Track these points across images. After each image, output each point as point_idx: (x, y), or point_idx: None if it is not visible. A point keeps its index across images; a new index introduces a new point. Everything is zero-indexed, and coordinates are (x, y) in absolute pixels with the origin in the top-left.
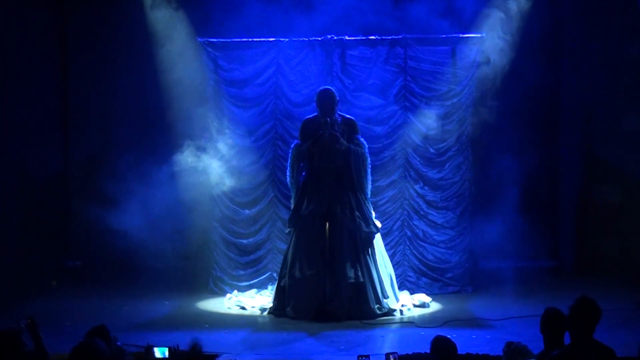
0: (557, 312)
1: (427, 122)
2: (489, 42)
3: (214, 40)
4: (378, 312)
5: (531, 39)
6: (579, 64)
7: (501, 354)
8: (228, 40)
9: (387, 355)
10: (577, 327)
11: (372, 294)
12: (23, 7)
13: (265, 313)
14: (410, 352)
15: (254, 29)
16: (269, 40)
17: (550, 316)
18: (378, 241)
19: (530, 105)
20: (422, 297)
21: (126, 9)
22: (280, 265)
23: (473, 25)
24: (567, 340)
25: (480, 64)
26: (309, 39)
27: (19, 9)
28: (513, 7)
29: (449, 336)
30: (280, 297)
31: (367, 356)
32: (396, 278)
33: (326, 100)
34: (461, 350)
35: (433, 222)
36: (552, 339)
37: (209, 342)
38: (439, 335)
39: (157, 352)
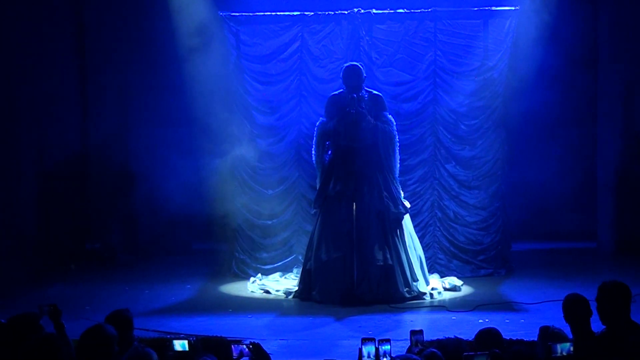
0: (578, 298)
1: (457, 98)
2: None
3: (236, 14)
4: (407, 295)
5: (568, 13)
6: (619, 37)
7: (536, 339)
8: (251, 14)
9: (412, 333)
10: (608, 311)
11: (401, 277)
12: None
13: (291, 297)
14: (441, 337)
15: (277, 3)
16: (293, 14)
17: (572, 302)
18: (407, 222)
19: (568, 80)
20: (453, 280)
21: None
22: (305, 248)
23: None
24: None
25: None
26: (334, 13)
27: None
28: None
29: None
30: (305, 280)
31: (388, 340)
32: (426, 260)
33: (353, 76)
34: None
35: (464, 202)
36: (578, 327)
37: (233, 327)
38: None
39: (177, 345)
